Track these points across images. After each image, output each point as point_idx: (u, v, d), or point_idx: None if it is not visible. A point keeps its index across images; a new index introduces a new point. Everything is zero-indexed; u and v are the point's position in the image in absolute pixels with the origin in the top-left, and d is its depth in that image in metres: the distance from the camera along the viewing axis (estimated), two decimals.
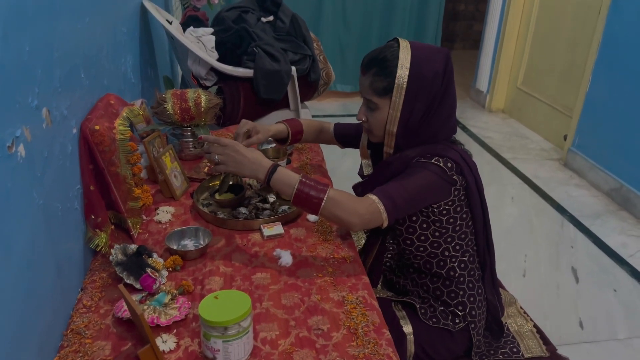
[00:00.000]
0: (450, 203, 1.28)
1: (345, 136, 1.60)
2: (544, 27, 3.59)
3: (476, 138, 3.60)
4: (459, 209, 1.30)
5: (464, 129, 3.76)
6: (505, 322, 1.53)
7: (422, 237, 1.33)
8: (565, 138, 3.24)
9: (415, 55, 1.23)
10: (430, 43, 4.17)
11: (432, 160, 1.23)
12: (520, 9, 3.76)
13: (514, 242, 2.41)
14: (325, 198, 1.16)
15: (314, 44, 2.45)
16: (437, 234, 1.31)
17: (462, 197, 1.30)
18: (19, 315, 0.84)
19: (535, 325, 1.66)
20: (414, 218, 1.31)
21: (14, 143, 0.82)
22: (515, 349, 1.50)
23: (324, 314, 1.10)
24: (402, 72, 1.22)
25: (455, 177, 1.24)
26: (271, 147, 1.75)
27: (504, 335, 1.54)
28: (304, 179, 1.18)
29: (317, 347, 1.01)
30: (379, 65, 1.26)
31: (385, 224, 1.20)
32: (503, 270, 2.15)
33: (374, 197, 1.19)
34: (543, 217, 2.63)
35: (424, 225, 1.31)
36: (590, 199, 2.82)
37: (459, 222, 1.31)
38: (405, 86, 1.22)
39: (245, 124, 1.46)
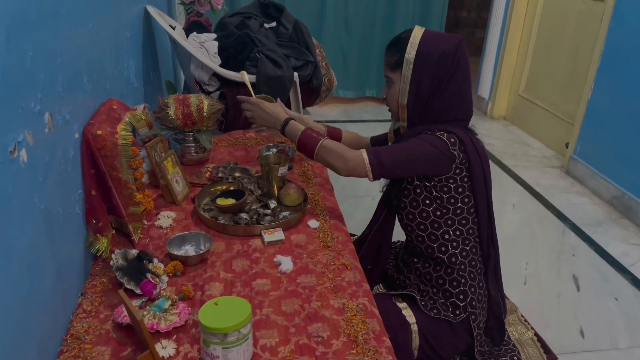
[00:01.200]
0: (451, 181, 1.34)
1: (379, 144, 1.65)
2: (546, 35, 3.60)
3: None
4: (460, 189, 1.35)
5: None
6: (506, 330, 1.53)
7: (424, 214, 1.39)
8: (567, 145, 3.24)
9: (427, 35, 1.34)
10: None
11: (436, 134, 1.31)
12: (522, 16, 3.77)
13: (515, 249, 2.41)
14: (319, 145, 1.41)
15: (317, 50, 2.46)
16: (438, 212, 1.37)
17: (465, 180, 1.35)
18: (19, 320, 0.84)
19: (536, 334, 1.65)
20: (418, 191, 1.38)
21: (16, 148, 0.82)
22: (516, 358, 1.50)
23: (324, 321, 1.10)
24: (412, 48, 1.33)
25: (455, 152, 1.31)
26: (272, 152, 1.75)
27: (505, 343, 1.53)
28: (307, 130, 1.44)
29: (317, 355, 1.00)
30: (394, 43, 1.39)
31: (370, 178, 1.36)
32: (503, 277, 2.14)
33: (362, 150, 1.36)
34: (544, 225, 2.63)
35: (427, 201, 1.38)
36: (592, 206, 2.81)
37: (459, 204, 1.36)
38: (413, 60, 1.33)
39: (252, 103, 1.63)
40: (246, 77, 1.86)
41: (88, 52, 1.29)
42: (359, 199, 2.70)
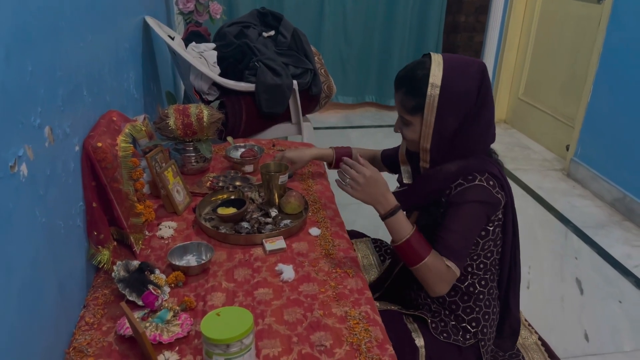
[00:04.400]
0: (490, 224, 1.28)
1: (391, 161, 1.60)
2: (544, 39, 3.61)
3: None
4: (492, 227, 1.29)
5: None
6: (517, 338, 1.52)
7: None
8: (567, 148, 3.24)
9: (448, 72, 1.21)
10: None
11: (476, 182, 1.22)
12: (520, 20, 3.78)
13: None
14: (423, 262, 1.22)
15: (315, 58, 2.47)
16: None
17: (500, 216, 1.29)
18: (21, 334, 0.84)
19: (540, 338, 1.64)
20: (443, 212, 1.30)
21: (16, 162, 0.82)
22: None
23: (326, 329, 1.09)
24: (433, 91, 1.21)
25: (499, 195, 1.24)
26: (272, 162, 1.76)
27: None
28: (412, 239, 1.23)
29: None
30: (408, 84, 1.26)
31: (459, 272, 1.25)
32: None
33: (443, 260, 1.22)
34: (547, 228, 2.62)
35: None
36: (594, 209, 2.81)
37: (489, 241, 1.31)
38: (436, 105, 1.22)
39: (283, 158, 1.66)
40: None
41: (87, 65, 1.30)
42: (360, 206, 2.69)
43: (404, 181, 1.45)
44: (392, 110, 4.24)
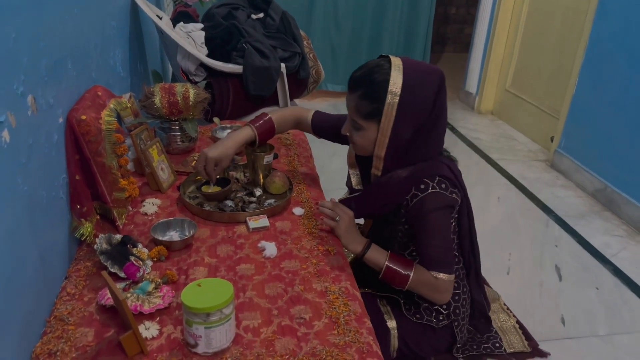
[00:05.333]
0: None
1: (323, 129, 1.57)
2: (533, 31, 3.63)
3: (465, 139, 3.63)
4: (452, 220, 1.31)
5: (453, 129, 3.79)
6: (491, 319, 1.56)
7: (411, 243, 1.36)
8: (552, 140, 3.28)
9: (408, 80, 1.19)
10: (420, 46, 4.21)
11: (429, 190, 1.23)
12: (509, 13, 3.81)
13: (500, 240, 2.44)
14: (408, 284, 1.27)
15: (304, 42, 2.47)
16: None
17: (457, 208, 1.32)
18: (0, 302, 0.84)
19: (518, 321, 1.68)
20: (407, 226, 1.33)
21: None
22: (497, 344, 1.52)
23: (306, 303, 1.11)
24: (393, 98, 1.18)
25: (453, 194, 1.26)
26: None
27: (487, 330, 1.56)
28: (390, 266, 1.28)
29: (298, 336, 1.02)
30: (366, 87, 1.22)
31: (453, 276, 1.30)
32: (488, 268, 2.17)
33: (431, 273, 1.26)
34: (528, 217, 2.66)
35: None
36: (576, 199, 2.86)
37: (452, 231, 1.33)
38: (394, 113, 1.20)
39: (204, 162, 1.43)
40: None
41: (73, 39, 1.29)
42: (345, 190, 2.72)
43: (354, 186, 1.45)
44: None
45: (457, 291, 1.40)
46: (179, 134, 1.76)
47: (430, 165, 1.26)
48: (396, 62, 1.21)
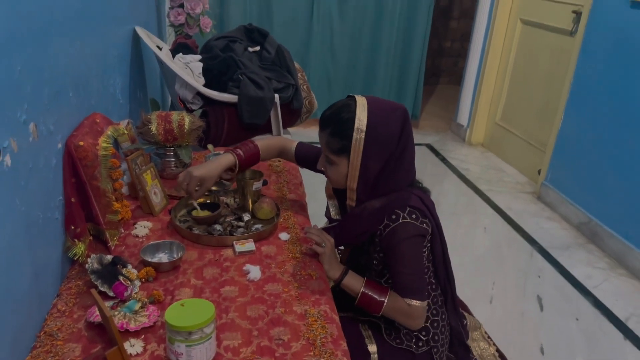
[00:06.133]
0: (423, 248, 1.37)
1: (305, 160, 1.64)
2: (521, 67, 3.76)
3: (455, 170, 3.71)
4: (424, 249, 1.37)
5: (444, 160, 3.87)
6: (470, 347, 1.60)
7: (386, 271, 1.41)
8: (539, 172, 3.37)
9: (372, 117, 1.28)
10: (413, 78, 4.34)
11: (400, 220, 1.30)
12: (499, 49, 3.94)
13: (483, 270, 2.49)
14: (382, 310, 1.33)
15: (299, 74, 2.57)
16: None
17: (428, 237, 1.38)
18: None
19: (497, 350, 1.72)
20: (382, 254, 1.39)
21: (1, 153, 0.89)
22: None
23: (286, 325, 1.16)
24: (359, 135, 1.28)
25: (423, 224, 1.32)
26: (249, 169, 1.83)
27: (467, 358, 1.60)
28: (366, 293, 1.34)
29: (276, 356, 1.07)
30: (335, 125, 1.32)
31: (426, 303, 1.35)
32: (470, 296, 2.22)
33: (405, 301, 1.32)
34: (513, 247, 2.72)
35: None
36: (561, 231, 2.92)
37: (424, 260, 1.39)
38: (361, 148, 1.29)
39: (189, 179, 1.48)
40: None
41: (75, 69, 1.37)
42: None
43: (332, 216, 1.54)
44: None
45: (435, 318, 1.45)
46: (173, 159, 1.83)
47: (401, 196, 1.34)
48: (361, 102, 1.31)
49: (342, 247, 1.58)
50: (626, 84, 2.64)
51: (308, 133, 4.20)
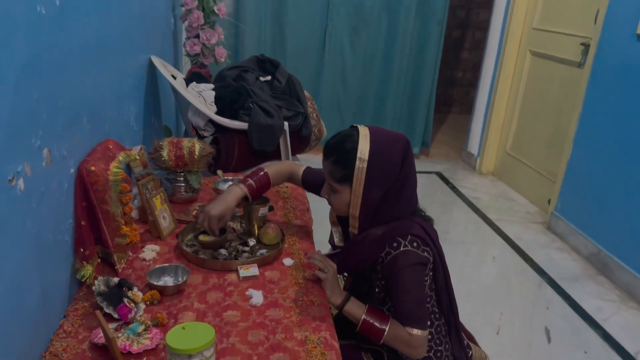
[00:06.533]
0: (425, 277, 1.37)
1: (311, 185, 1.67)
2: (531, 97, 3.78)
3: (464, 198, 3.71)
4: (426, 277, 1.39)
5: (454, 189, 3.88)
6: None
7: (388, 299, 1.42)
8: (549, 202, 3.35)
9: (374, 147, 1.31)
10: (424, 107, 4.38)
11: (401, 248, 1.31)
12: (509, 79, 3.98)
13: (491, 300, 2.47)
14: (383, 338, 1.33)
15: (308, 103, 2.62)
16: None
17: (430, 266, 1.39)
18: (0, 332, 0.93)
19: None
20: (383, 282, 1.40)
21: (14, 177, 0.94)
22: None
23: (285, 351, 1.17)
24: (361, 164, 1.31)
25: (425, 252, 1.34)
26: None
27: None
28: (367, 320, 1.34)
29: None
30: (338, 154, 1.35)
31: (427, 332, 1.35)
32: (477, 326, 2.21)
33: (406, 330, 1.32)
34: (522, 278, 2.70)
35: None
36: (571, 262, 2.89)
37: (426, 289, 1.40)
38: (364, 177, 1.32)
39: (208, 220, 1.51)
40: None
41: (90, 97, 1.43)
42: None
43: (336, 243, 1.56)
44: None
45: (439, 348, 1.45)
46: (183, 184, 1.88)
47: (403, 224, 1.36)
48: (364, 132, 1.35)
49: (345, 274, 1.59)
50: (634, 115, 2.65)
51: (317, 160, 4.22)
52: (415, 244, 1.33)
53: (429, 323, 1.43)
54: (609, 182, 2.81)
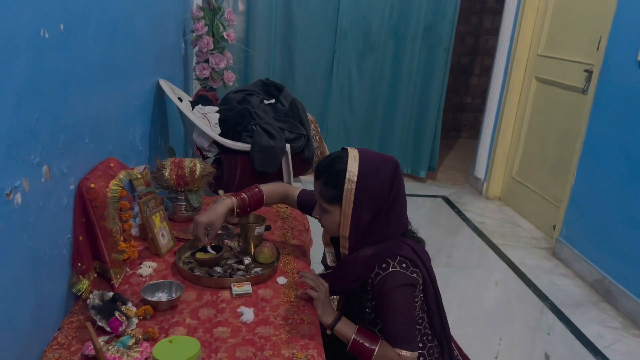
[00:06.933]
0: (415, 299, 1.39)
1: (307, 207, 1.69)
2: (537, 122, 3.80)
3: (470, 223, 3.71)
4: (416, 299, 1.41)
5: (459, 213, 3.88)
6: None
7: (379, 320, 1.44)
8: (554, 228, 3.34)
9: (363, 168, 1.35)
10: (430, 130, 4.41)
11: (390, 269, 1.33)
12: (515, 104, 4.00)
13: (492, 325, 2.46)
14: (375, 353, 1.34)
15: (312, 126, 2.67)
16: None
17: (420, 288, 1.41)
18: None
19: None
20: (374, 302, 1.42)
21: (12, 191, 0.99)
22: None
23: None
24: (350, 185, 1.34)
25: (414, 274, 1.36)
26: (252, 214, 1.89)
27: None
28: (357, 340, 1.36)
29: None
30: (327, 175, 1.39)
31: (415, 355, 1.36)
32: (476, 351, 2.20)
33: (403, 352, 1.33)
34: (523, 303, 2.68)
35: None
36: (574, 288, 2.86)
37: (417, 310, 1.42)
38: (352, 198, 1.35)
39: (199, 225, 1.55)
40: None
41: (93, 117, 1.49)
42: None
43: (328, 263, 1.58)
44: None
45: None
46: (184, 203, 1.92)
47: (392, 245, 1.38)
48: (353, 154, 1.38)
49: (337, 297, 1.61)
50: (637, 141, 2.65)
51: None
52: (404, 265, 1.35)
53: (420, 345, 1.44)
54: (613, 208, 2.80)
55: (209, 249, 1.62)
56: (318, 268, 1.75)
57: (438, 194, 4.25)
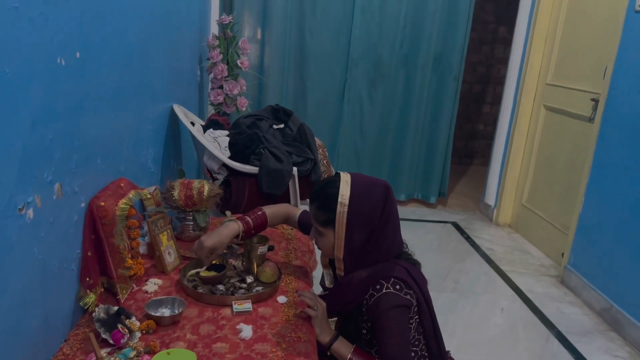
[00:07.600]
0: (410, 320, 1.42)
1: (307, 228, 1.73)
2: (546, 150, 3.82)
3: (479, 249, 3.71)
4: (411, 320, 1.43)
5: (468, 239, 3.88)
6: None
7: (374, 341, 1.46)
8: (563, 255, 3.32)
9: (355, 192, 1.40)
10: (440, 157, 4.45)
11: (383, 290, 1.37)
12: (525, 132, 4.03)
13: (496, 352, 2.44)
14: None
15: (319, 150, 2.74)
16: None
17: (415, 309, 1.44)
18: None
19: None
20: (369, 324, 1.45)
21: (24, 206, 1.06)
22: None
23: None
24: (342, 208, 1.40)
25: (407, 295, 1.39)
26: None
27: None
28: (355, 349, 1.41)
29: None
30: (321, 199, 1.45)
31: None
32: None
33: None
34: (529, 330, 2.66)
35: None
36: (582, 317, 2.84)
37: (412, 332, 1.44)
38: (345, 221, 1.40)
39: (200, 248, 1.59)
40: None
41: (105, 139, 1.57)
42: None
43: (326, 285, 1.62)
44: (399, 203, 4.42)
45: None
46: (191, 223, 1.99)
47: (386, 267, 1.42)
48: (345, 178, 1.44)
49: (335, 318, 1.64)
50: None
51: None
52: (397, 287, 1.38)
53: None
54: (621, 236, 2.79)
55: (204, 268, 1.67)
56: (319, 289, 1.78)
57: (448, 220, 4.26)
